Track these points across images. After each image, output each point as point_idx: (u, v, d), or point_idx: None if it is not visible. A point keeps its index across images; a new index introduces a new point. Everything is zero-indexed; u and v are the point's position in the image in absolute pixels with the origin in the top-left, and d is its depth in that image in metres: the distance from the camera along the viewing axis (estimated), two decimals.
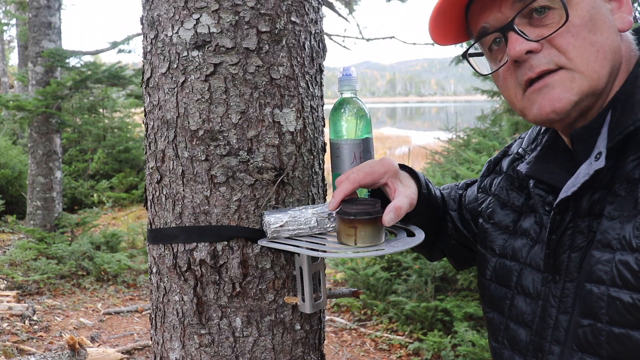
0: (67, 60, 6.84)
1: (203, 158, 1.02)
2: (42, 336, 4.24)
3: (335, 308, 4.87)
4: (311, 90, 1.10)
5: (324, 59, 1.15)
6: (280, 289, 1.06)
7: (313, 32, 1.10)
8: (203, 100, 1.01)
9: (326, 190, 1.19)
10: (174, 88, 1.03)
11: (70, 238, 6.35)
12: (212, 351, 1.04)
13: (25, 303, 4.75)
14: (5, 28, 15.99)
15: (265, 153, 1.03)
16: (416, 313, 4.05)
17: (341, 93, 1.11)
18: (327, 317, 4.57)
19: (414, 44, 9.29)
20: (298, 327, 1.08)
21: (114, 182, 9.53)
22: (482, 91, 6.21)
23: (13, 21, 14.56)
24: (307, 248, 0.97)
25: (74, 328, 4.43)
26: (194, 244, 1.03)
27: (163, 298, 1.09)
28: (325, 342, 1.20)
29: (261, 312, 1.04)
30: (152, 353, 1.15)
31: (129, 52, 8.09)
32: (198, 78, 1.01)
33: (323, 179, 1.17)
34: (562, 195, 0.84)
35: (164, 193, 1.07)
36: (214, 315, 1.04)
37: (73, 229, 6.54)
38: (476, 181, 1.20)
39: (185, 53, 1.01)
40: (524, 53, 0.84)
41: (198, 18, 1.00)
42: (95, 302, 5.03)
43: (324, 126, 1.18)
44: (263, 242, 1.02)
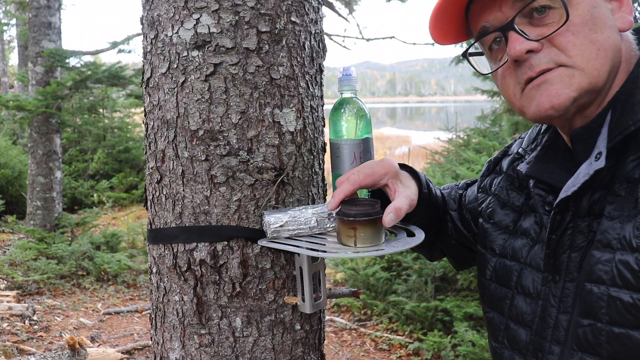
0: (67, 60, 6.85)
1: (203, 158, 1.02)
2: (42, 336, 4.24)
3: (335, 308, 4.87)
4: (311, 90, 1.10)
5: (324, 59, 1.15)
6: (280, 289, 1.06)
7: (313, 32, 1.10)
8: (203, 100, 1.01)
9: (326, 190, 1.19)
10: (174, 88, 1.03)
11: (70, 238, 6.35)
12: (212, 351, 1.04)
13: (25, 303, 4.76)
14: (5, 28, 16.00)
15: (265, 153, 1.03)
16: (416, 313, 4.05)
17: (341, 93, 1.11)
18: (327, 317, 4.57)
19: (414, 44, 9.29)
20: (298, 327, 1.08)
21: (114, 182, 9.53)
22: (482, 91, 6.21)
23: (13, 21, 14.56)
24: (307, 248, 0.97)
25: (74, 328, 4.43)
26: (194, 244, 1.03)
27: (163, 298, 1.09)
28: (325, 342, 1.20)
29: (261, 312, 1.04)
30: (152, 353, 1.15)
31: (129, 52, 8.10)
32: (198, 78, 1.01)
33: (323, 179, 1.17)
34: (562, 195, 0.84)
35: (164, 193, 1.07)
36: (214, 315, 1.04)
37: (73, 229, 6.54)
38: (476, 181, 1.20)
39: (185, 53, 1.01)
40: (524, 52, 0.84)
41: (198, 18, 1.00)
42: (95, 302, 5.03)
43: (324, 126, 1.18)
44: (263, 242, 1.02)
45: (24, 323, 4.38)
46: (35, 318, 4.49)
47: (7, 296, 4.86)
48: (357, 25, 9.95)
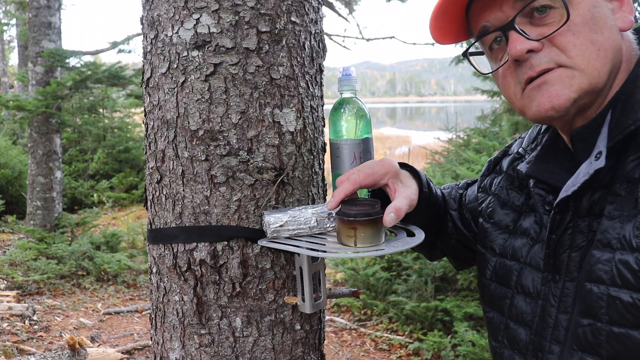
0: (67, 60, 6.85)
1: (203, 158, 1.02)
2: (42, 336, 4.24)
3: (335, 308, 4.87)
4: (311, 90, 1.10)
5: (324, 59, 1.15)
6: (280, 289, 1.06)
7: (313, 32, 1.10)
8: (203, 100, 1.01)
9: (326, 190, 1.19)
10: (174, 88, 1.03)
11: (70, 238, 6.35)
12: (212, 351, 1.04)
13: (25, 303, 4.76)
14: (5, 28, 16.00)
15: (265, 153, 1.03)
16: (416, 313, 4.05)
17: (341, 93, 1.11)
18: (327, 317, 4.57)
19: (414, 44, 9.29)
20: (298, 327, 1.08)
21: (114, 182, 9.53)
22: (482, 91, 6.21)
23: (13, 21, 14.56)
24: (307, 248, 0.97)
25: (74, 328, 4.43)
26: (194, 244, 1.03)
27: (163, 298, 1.09)
28: (325, 342, 1.20)
29: (261, 312, 1.04)
30: (152, 353, 1.15)
31: (129, 52, 8.10)
32: (198, 78, 1.01)
33: (323, 179, 1.17)
34: (562, 194, 0.84)
35: (164, 193, 1.07)
36: (214, 315, 1.04)
37: (73, 229, 6.55)
38: (477, 181, 1.20)
39: (185, 53, 1.01)
40: (525, 52, 0.84)
41: (198, 18, 1.00)
42: (95, 302, 5.03)
43: (324, 126, 1.18)
44: (263, 242, 1.02)
45: (24, 323, 4.38)
46: (35, 318, 4.49)
47: (7, 296, 4.87)
48: (357, 25, 9.96)
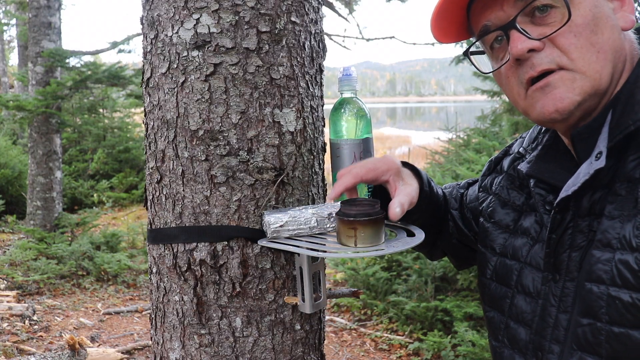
0: (67, 60, 6.85)
1: (203, 158, 1.02)
2: (42, 336, 4.24)
3: (335, 308, 4.87)
4: (311, 90, 1.10)
5: (324, 59, 1.15)
6: (280, 289, 1.06)
7: (313, 32, 1.10)
8: (203, 100, 1.01)
9: (326, 190, 1.19)
10: (174, 88, 1.03)
11: (70, 238, 6.35)
12: (212, 351, 1.04)
13: (25, 303, 4.75)
14: (5, 28, 16.00)
15: (265, 153, 1.03)
16: (416, 313, 4.05)
17: (341, 93, 1.11)
18: (327, 317, 4.57)
19: (414, 44, 9.29)
20: (298, 327, 1.08)
21: (114, 182, 9.53)
22: (482, 91, 6.21)
23: (13, 21, 14.56)
24: (307, 248, 0.97)
25: (74, 328, 4.43)
26: (194, 244, 1.03)
27: (163, 298, 1.09)
28: (325, 342, 1.20)
29: (261, 312, 1.04)
30: (152, 353, 1.15)
31: (129, 52, 8.10)
32: (198, 78, 1.01)
33: (323, 179, 1.17)
34: (563, 194, 0.84)
35: (164, 193, 1.07)
36: (214, 315, 1.04)
37: (73, 229, 6.54)
38: (478, 180, 1.20)
39: (185, 53, 1.01)
40: (526, 51, 0.84)
41: (198, 18, 1.00)
42: (95, 302, 5.03)
43: (324, 126, 1.18)
44: (263, 242, 1.02)
45: (24, 323, 4.38)
46: (35, 318, 4.48)
47: (7, 296, 4.86)
48: (357, 25, 9.96)
